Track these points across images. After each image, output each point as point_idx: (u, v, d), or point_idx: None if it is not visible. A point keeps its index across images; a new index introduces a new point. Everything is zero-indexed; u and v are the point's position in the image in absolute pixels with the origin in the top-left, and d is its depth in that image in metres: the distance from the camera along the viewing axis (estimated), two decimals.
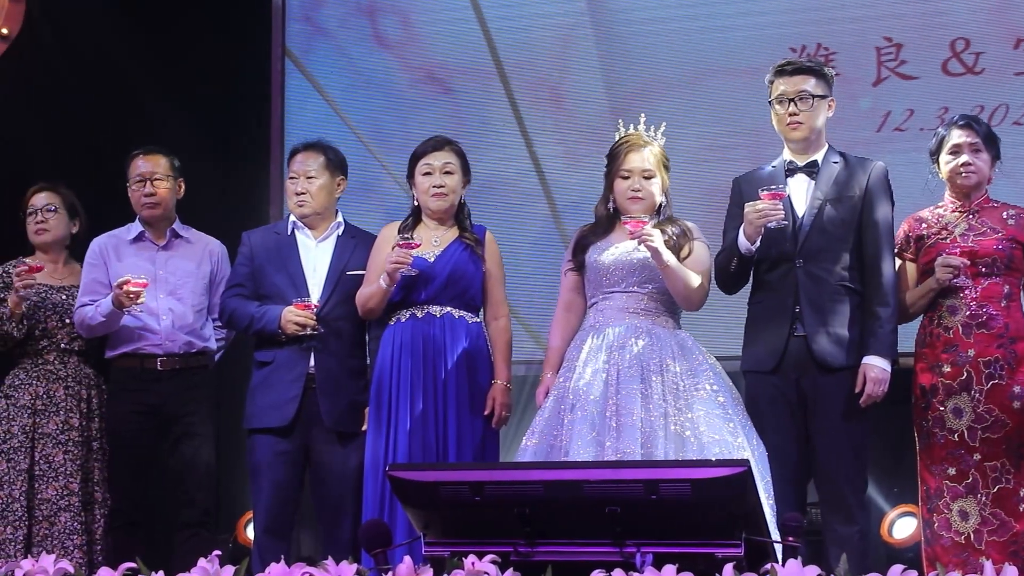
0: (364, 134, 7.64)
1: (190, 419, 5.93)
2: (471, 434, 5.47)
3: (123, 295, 5.70)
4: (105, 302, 5.82)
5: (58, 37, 7.92)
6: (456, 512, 4.08)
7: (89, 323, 5.88)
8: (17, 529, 5.86)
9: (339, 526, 5.59)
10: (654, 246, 5.07)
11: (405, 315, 5.54)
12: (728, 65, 7.20)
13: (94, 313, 5.86)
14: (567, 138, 7.46)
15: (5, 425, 5.97)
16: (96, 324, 5.87)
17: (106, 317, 5.83)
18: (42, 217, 6.14)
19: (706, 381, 5.08)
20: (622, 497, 3.88)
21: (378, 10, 7.78)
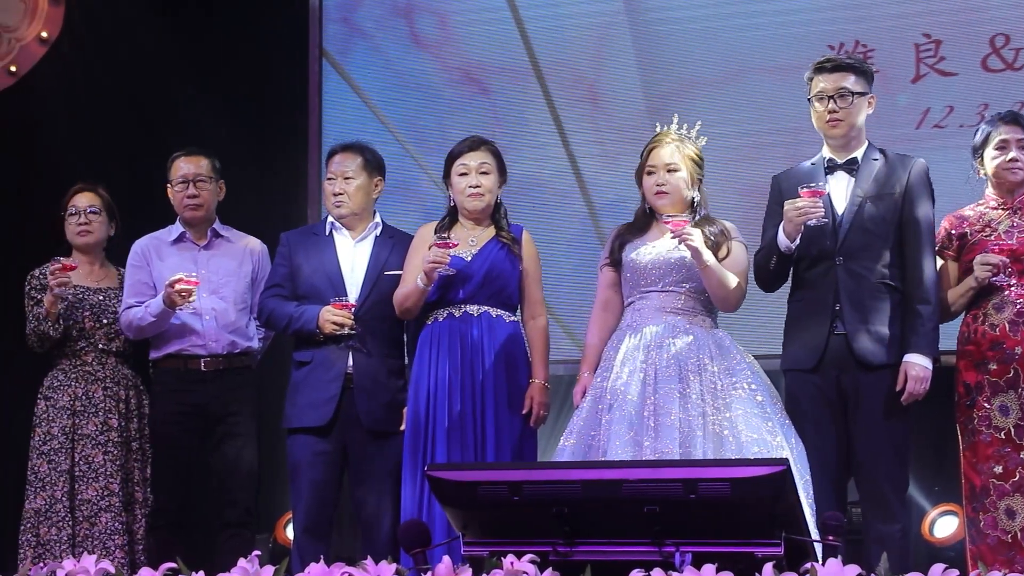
0: (401, 134, 7.65)
1: (233, 419, 5.95)
2: (509, 434, 5.46)
3: (175, 294, 5.72)
4: (155, 302, 5.85)
5: (96, 40, 7.97)
6: (495, 512, 4.08)
7: (139, 324, 5.91)
8: (61, 530, 5.88)
9: (378, 526, 5.60)
10: (695, 246, 5.06)
11: (442, 315, 5.54)
12: (766, 63, 7.17)
13: (143, 314, 5.88)
14: (604, 137, 7.45)
15: (45, 427, 5.99)
16: (146, 325, 5.89)
17: (156, 317, 5.85)
18: (85, 219, 6.15)
19: (744, 380, 5.07)
20: (661, 496, 3.88)
21: (415, 10, 7.78)
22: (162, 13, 7.94)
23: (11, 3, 7.92)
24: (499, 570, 3.65)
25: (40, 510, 5.91)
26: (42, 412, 6.02)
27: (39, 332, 6.00)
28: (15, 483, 7.25)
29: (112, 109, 7.88)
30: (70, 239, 6.17)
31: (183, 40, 7.91)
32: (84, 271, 6.10)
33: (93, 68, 7.93)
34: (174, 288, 5.72)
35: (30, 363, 6.49)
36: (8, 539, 7.29)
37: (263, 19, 7.88)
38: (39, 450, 5.97)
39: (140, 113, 7.87)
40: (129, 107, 7.89)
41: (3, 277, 7.71)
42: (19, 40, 7.94)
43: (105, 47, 7.95)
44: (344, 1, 7.89)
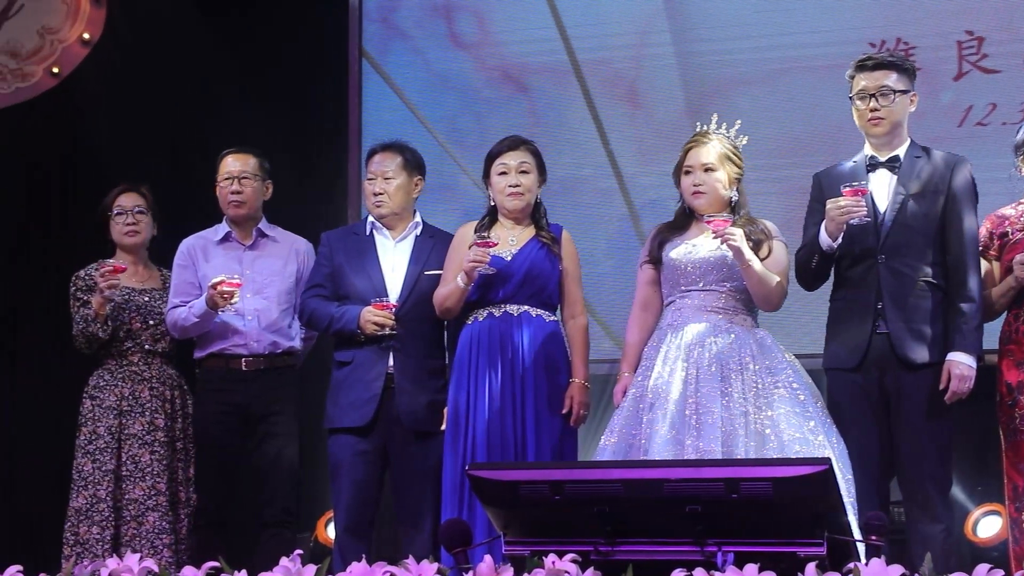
0: (441, 134, 7.65)
1: (275, 419, 5.96)
2: (549, 433, 5.46)
3: (217, 295, 5.74)
4: (198, 303, 5.87)
5: (137, 41, 8.01)
6: (536, 511, 4.08)
7: (183, 324, 5.93)
8: (104, 529, 5.91)
9: (419, 525, 5.61)
10: (737, 245, 5.05)
11: (483, 314, 5.54)
12: (807, 61, 7.14)
13: (187, 314, 5.91)
14: (644, 136, 7.43)
15: (91, 426, 6.02)
16: (190, 325, 5.92)
17: (199, 318, 5.88)
18: (133, 219, 6.17)
19: (786, 379, 5.05)
20: (703, 496, 3.87)
21: (454, 10, 7.79)
22: (203, 14, 7.97)
23: (53, 5, 7.98)
24: (540, 569, 3.65)
25: (82, 509, 5.94)
26: (88, 411, 6.04)
27: (87, 333, 6.02)
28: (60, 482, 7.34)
29: (153, 110, 7.92)
30: (117, 239, 6.19)
31: (224, 41, 7.95)
32: (129, 272, 6.11)
33: (134, 69, 7.98)
34: (216, 290, 5.74)
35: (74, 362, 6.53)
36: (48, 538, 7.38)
37: (303, 19, 7.91)
38: (84, 449, 6.00)
39: (181, 114, 7.91)
40: (170, 108, 7.93)
41: (46, 277, 7.79)
42: (61, 41, 8.00)
43: (146, 48, 8.00)
44: (384, 1, 7.91)
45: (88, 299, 6.03)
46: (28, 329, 7.94)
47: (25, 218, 7.98)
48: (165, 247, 6.24)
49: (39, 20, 8.00)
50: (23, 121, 7.98)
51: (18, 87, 7.97)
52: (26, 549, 7.36)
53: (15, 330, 7.97)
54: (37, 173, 7.99)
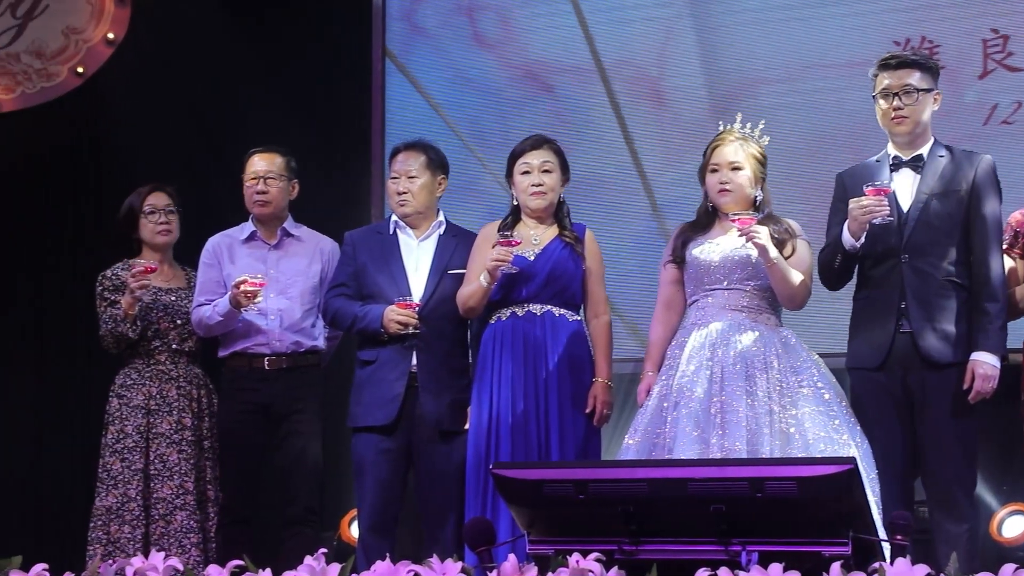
0: (464, 133, 7.65)
1: (298, 417, 5.97)
2: (573, 432, 5.46)
3: (240, 295, 5.75)
4: (222, 302, 5.88)
5: (162, 41, 8.03)
6: (560, 510, 4.09)
7: (207, 323, 5.94)
8: (135, 528, 5.92)
9: (443, 524, 5.61)
10: (762, 243, 5.05)
11: (506, 314, 5.54)
12: (831, 59, 7.11)
13: (211, 313, 5.92)
14: (667, 135, 7.41)
15: (118, 425, 6.02)
16: (214, 324, 5.93)
17: (223, 317, 5.89)
18: (165, 218, 6.18)
19: (810, 378, 5.05)
20: (727, 495, 3.87)
21: (477, 9, 7.79)
22: (227, 14, 7.99)
23: (78, 5, 8.01)
24: (565, 568, 3.65)
25: (112, 508, 5.94)
26: (115, 410, 6.05)
27: (116, 333, 6.02)
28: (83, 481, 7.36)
29: (177, 109, 7.95)
30: (148, 239, 6.18)
31: (248, 40, 7.96)
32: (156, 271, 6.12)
33: (158, 69, 8.00)
34: (240, 289, 5.75)
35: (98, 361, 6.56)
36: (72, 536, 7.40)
37: (327, 19, 7.92)
38: (112, 448, 6.01)
39: (205, 113, 7.94)
40: (194, 107, 7.96)
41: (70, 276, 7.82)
42: (86, 41, 8.03)
43: (170, 48, 8.02)
44: (407, 1, 7.90)
45: (115, 299, 6.04)
46: (51, 328, 7.97)
47: (49, 217, 8.00)
48: (189, 246, 6.25)
49: (64, 20, 8.03)
50: (48, 120, 8.01)
51: (43, 87, 8.00)
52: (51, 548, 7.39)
53: (39, 329, 8.00)
54: (61, 172, 8.02)
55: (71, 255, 7.94)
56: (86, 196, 8.00)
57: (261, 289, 5.78)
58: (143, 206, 6.17)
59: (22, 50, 7.99)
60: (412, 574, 3.67)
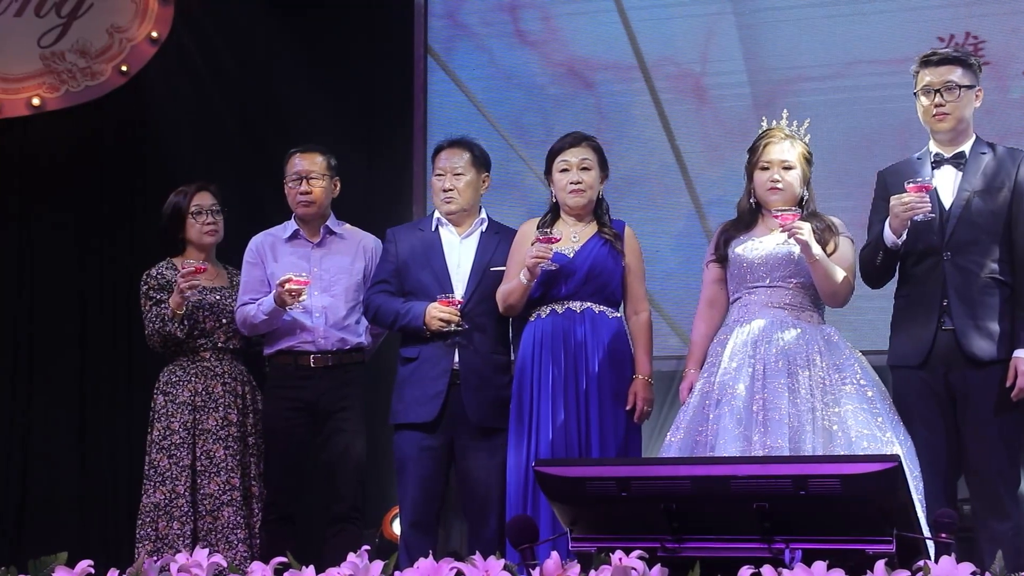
0: (506, 130, 7.66)
1: (343, 415, 5.97)
2: (613, 429, 5.46)
3: (285, 293, 5.77)
4: (267, 300, 5.89)
5: (205, 39, 8.07)
6: (603, 507, 4.08)
7: (252, 321, 5.96)
8: (184, 524, 5.93)
9: (484, 521, 5.61)
10: (804, 239, 5.04)
11: (545, 311, 5.54)
12: (874, 56, 7.08)
13: (256, 311, 5.94)
14: (710, 132, 7.40)
15: (164, 422, 6.04)
16: (259, 322, 5.95)
17: (268, 315, 5.90)
18: (212, 218, 6.19)
19: (853, 376, 5.04)
20: (770, 493, 3.85)
21: (519, 6, 7.79)
22: (270, 13, 8.02)
23: (122, 4, 8.06)
24: (607, 566, 3.65)
25: (160, 504, 5.96)
26: (160, 407, 6.07)
27: (163, 333, 6.04)
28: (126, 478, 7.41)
29: (220, 107, 7.98)
30: (195, 239, 6.19)
31: (290, 39, 8.00)
32: None
33: (202, 67, 8.05)
34: (284, 288, 5.77)
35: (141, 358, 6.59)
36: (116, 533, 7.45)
37: (369, 17, 7.93)
38: (158, 445, 6.02)
39: (248, 111, 7.97)
40: (237, 105, 7.99)
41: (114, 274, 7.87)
42: (130, 40, 8.07)
43: (213, 46, 8.06)
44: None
45: (161, 298, 6.06)
46: (95, 325, 8.02)
47: (93, 215, 8.05)
48: (232, 245, 6.27)
49: (108, 19, 8.07)
50: (92, 119, 8.06)
51: (87, 85, 8.05)
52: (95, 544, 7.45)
53: (83, 327, 8.04)
54: (106, 171, 8.07)
55: (115, 252, 7.98)
56: (130, 194, 8.04)
57: (305, 287, 5.80)
58: (189, 206, 6.18)
59: (67, 49, 8.04)
60: (455, 571, 3.67)
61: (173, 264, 6.12)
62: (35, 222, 8.03)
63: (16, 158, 8.03)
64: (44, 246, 8.02)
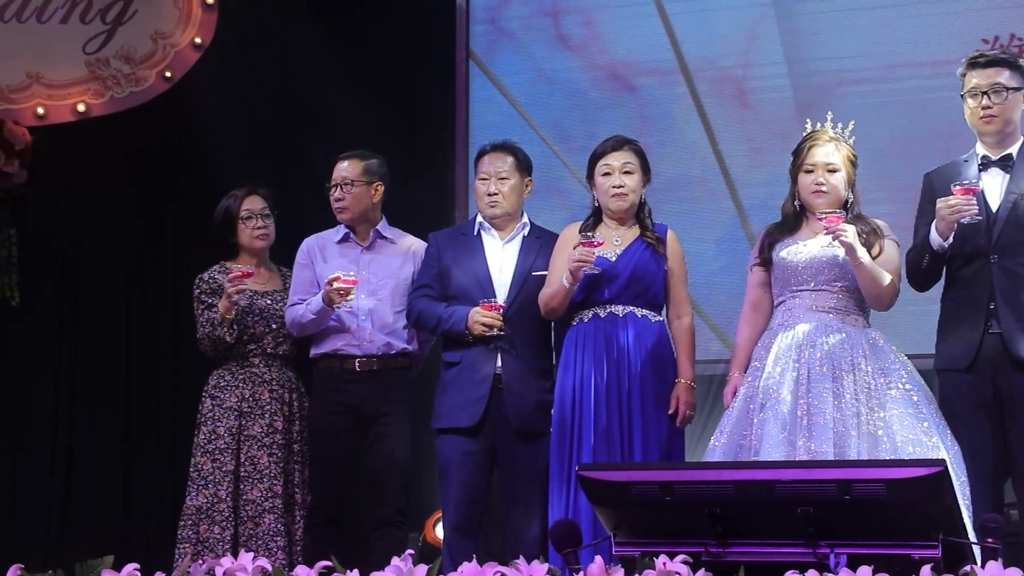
0: (547, 134, 7.66)
1: (387, 419, 5.97)
2: (656, 433, 5.45)
3: (333, 292, 5.77)
4: (315, 300, 5.90)
5: (248, 44, 8.11)
6: (646, 512, 4.07)
7: (300, 321, 5.98)
8: (224, 529, 5.95)
9: (527, 525, 5.62)
10: (848, 242, 5.02)
11: (588, 315, 5.54)
12: (917, 58, 7.05)
13: (304, 311, 5.95)
14: (752, 135, 7.38)
15: (211, 426, 6.06)
16: (307, 322, 5.96)
17: (316, 315, 5.91)
18: (262, 222, 6.21)
19: (898, 380, 5.01)
20: (815, 497, 3.84)
21: (561, 11, 7.79)
22: (312, 18, 8.04)
23: (166, 10, 8.10)
24: (651, 570, 3.64)
25: (202, 507, 5.98)
26: (207, 411, 6.09)
27: (213, 337, 6.06)
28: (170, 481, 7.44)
29: (263, 112, 8.01)
30: (246, 243, 6.21)
31: (333, 43, 8.01)
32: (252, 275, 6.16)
33: (244, 72, 8.08)
34: (332, 286, 5.78)
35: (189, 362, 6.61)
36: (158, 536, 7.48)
37: (410, 21, 7.95)
38: (204, 448, 6.05)
39: (291, 115, 8.00)
40: (280, 109, 8.02)
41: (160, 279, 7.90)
42: (174, 46, 8.11)
43: (256, 51, 8.09)
44: (490, 2, 7.93)
45: (212, 302, 6.08)
46: (141, 329, 8.06)
47: (139, 220, 8.09)
48: (277, 248, 6.29)
49: (152, 25, 8.11)
50: (137, 124, 8.10)
51: (132, 91, 8.09)
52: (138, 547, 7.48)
53: (129, 331, 8.09)
54: (150, 175, 8.11)
55: (161, 257, 8.02)
56: (174, 198, 8.08)
57: (354, 287, 5.81)
58: (240, 210, 6.20)
59: (111, 55, 8.08)
60: (499, 575, 3.67)
61: (226, 268, 6.13)
62: (81, 226, 8.08)
63: (61, 164, 8.07)
64: (89, 251, 8.07)
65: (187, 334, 6.22)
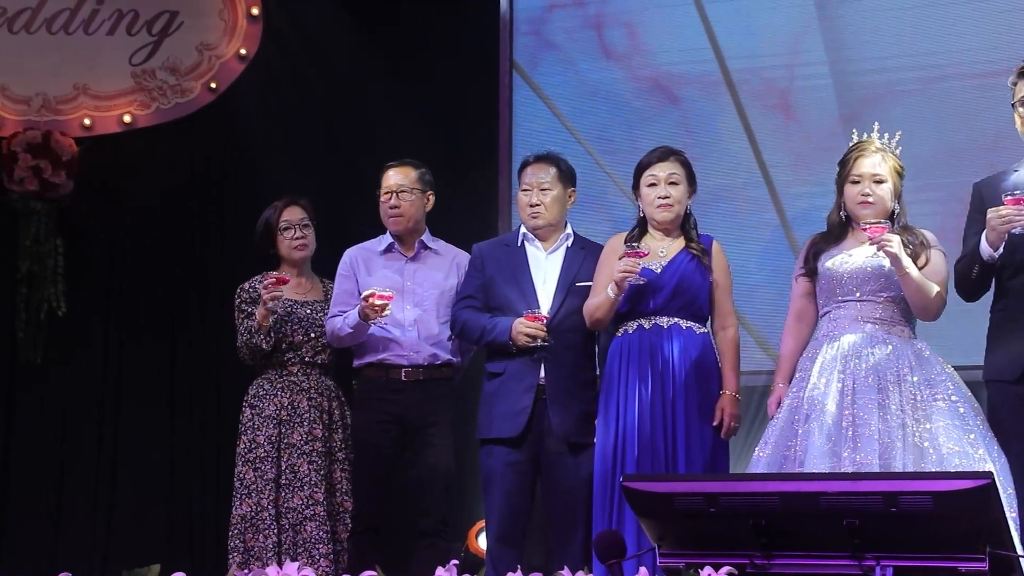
0: (591, 145, 7.65)
1: (432, 430, 5.98)
2: (700, 445, 5.44)
3: (368, 308, 5.79)
4: (352, 314, 5.91)
5: (293, 55, 8.15)
6: (691, 523, 4.06)
7: (338, 334, 5.99)
8: (267, 537, 5.97)
9: (571, 536, 5.61)
10: (894, 252, 4.99)
11: (632, 326, 5.53)
12: (966, 68, 7.00)
13: (342, 324, 5.96)
14: (796, 146, 7.34)
15: (251, 435, 6.10)
16: (344, 335, 5.97)
17: (353, 329, 5.92)
18: (300, 233, 6.24)
19: (945, 391, 4.98)
20: (861, 509, 3.82)
21: (605, 22, 7.78)
22: (357, 29, 8.07)
23: (211, 22, 8.15)
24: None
25: (246, 516, 6.01)
26: (247, 420, 6.13)
27: (251, 345, 6.10)
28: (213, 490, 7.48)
29: (307, 123, 8.05)
30: (285, 254, 6.26)
31: (377, 54, 8.04)
32: (292, 284, 6.18)
33: (290, 83, 8.12)
34: (368, 302, 5.79)
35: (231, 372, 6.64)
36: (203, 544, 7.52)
37: (455, 34, 7.96)
38: (245, 457, 6.09)
39: (335, 126, 8.02)
40: (325, 120, 8.05)
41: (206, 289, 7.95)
42: (219, 57, 8.17)
43: (301, 62, 8.13)
44: (534, 14, 7.93)
45: (252, 311, 6.11)
46: (187, 339, 8.10)
47: (185, 231, 8.14)
48: (322, 259, 6.31)
49: (198, 37, 8.18)
50: (183, 135, 8.16)
51: (177, 102, 8.15)
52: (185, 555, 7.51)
53: (174, 340, 8.13)
54: (195, 186, 8.16)
55: (204, 266, 8.06)
56: (221, 209, 8.12)
57: (389, 302, 5.81)
58: (279, 221, 6.25)
59: (157, 66, 8.15)
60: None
61: (271, 275, 6.14)
62: (126, 237, 8.13)
63: (108, 175, 8.13)
64: (134, 261, 8.12)
65: (231, 344, 6.24)
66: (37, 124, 8.06)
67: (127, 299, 8.16)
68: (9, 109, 8.11)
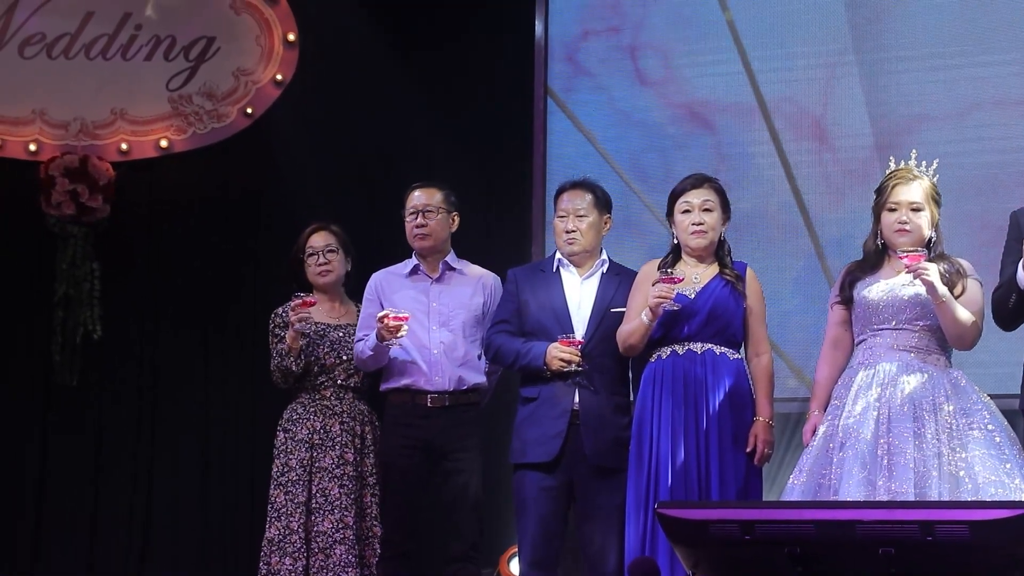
0: (625, 172, 7.67)
1: (460, 455, 5.97)
2: (734, 472, 5.43)
3: (383, 329, 5.80)
4: (371, 337, 5.93)
5: (329, 81, 8.19)
6: (726, 550, 4.06)
7: (361, 357, 6.00)
8: (296, 560, 5.99)
9: (604, 562, 5.60)
10: (930, 280, 4.98)
11: (666, 352, 5.53)
12: (1000, 97, 7.00)
13: (363, 347, 5.97)
14: (830, 173, 7.34)
15: (283, 458, 6.13)
16: (366, 358, 5.98)
17: (373, 351, 5.93)
18: (325, 259, 6.28)
19: (981, 420, 4.95)
20: (897, 538, 3.82)
21: (639, 49, 7.80)
22: (391, 55, 8.11)
23: (248, 47, 8.21)
24: None
25: (273, 540, 6.03)
26: (281, 444, 6.15)
27: (282, 368, 6.13)
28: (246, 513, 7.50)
29: (343, 148, 8.08)
30: (311, 279, 6.29)
31: (411, 81, 8.08)
32: (324, 308, 6.22)
33: (325, 109, 8.16)
34: (383, 323, 5.80)
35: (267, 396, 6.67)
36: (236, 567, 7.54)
37: (488, 59, 8.00)
38: (277, 481, 6.11)
39: (371, 152, 8.06)
40: (360, 146, 8.08)
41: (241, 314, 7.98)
42: (255, 83, 8.22)
43: (336, 88, 8.17)
44: (569, 40, 7.96)
45: (284, 335, 6.13)
46: (222, 362, 8.14)
47: (219, 255, 8.18)
48: (360, 283, 6.34)
49: (234, 62, 8.24)
50: (219, 160, 8.21)
51: (214, 127, 8.21)
52: None
53: (207, 363, 8.17)
54: (231, 211, 8.20)
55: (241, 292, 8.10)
56: (254, 233, 8.16)
57: (405, 323, 5.82)
58: (305, 248, 6.31)
59: (194, 92, 8.21)
60: None
61: (299, 296, 6.16)
62: (162, 261, 8.18)
63: (144, 199, 8.19)
64: (170, 285, 8.17)
65: (265, 367, 6.27)
66: (75, 149, 8.13)
67: (162, 323, 8.20)
68: (47, 134, 8.19)
